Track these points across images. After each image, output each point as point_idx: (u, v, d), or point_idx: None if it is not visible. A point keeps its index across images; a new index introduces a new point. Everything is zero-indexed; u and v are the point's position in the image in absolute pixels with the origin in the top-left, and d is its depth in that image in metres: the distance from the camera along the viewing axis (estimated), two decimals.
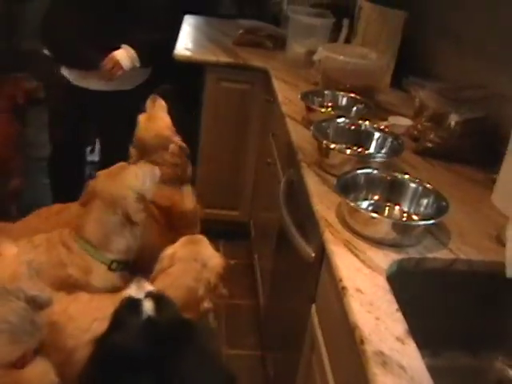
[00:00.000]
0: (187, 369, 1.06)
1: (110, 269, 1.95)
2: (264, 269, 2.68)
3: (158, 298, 1.24)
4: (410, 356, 1.05)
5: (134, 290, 1.31)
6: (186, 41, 3.25)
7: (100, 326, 1.49)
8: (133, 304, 1.21)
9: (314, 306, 1.56)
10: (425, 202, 1.54)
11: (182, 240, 1.85)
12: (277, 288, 2.30)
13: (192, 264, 1.75)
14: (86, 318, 1.65)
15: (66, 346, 1.60)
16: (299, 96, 2.24)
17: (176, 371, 1.04)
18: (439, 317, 1.44)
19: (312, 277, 1.58)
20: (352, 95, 2.30)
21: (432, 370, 1.03)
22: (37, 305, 1.40)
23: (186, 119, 2.88)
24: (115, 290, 1.88)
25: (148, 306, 1.21)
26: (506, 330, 1.47)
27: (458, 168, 1.94)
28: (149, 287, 1.35)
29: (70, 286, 1.84)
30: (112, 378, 1.04)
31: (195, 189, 2.54)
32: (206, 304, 1.72)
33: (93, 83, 2.83)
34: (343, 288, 1.23)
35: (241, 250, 3.22)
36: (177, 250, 1.80)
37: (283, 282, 2.17)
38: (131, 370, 1.04)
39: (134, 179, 2.02)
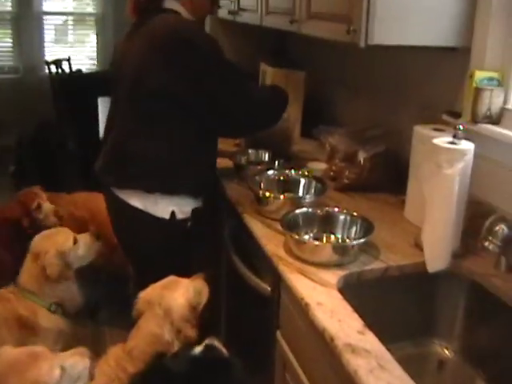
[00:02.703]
0: None
1: (50, 310, 2.26)
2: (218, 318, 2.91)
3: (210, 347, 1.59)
4: (370, 342, 1.34)
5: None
6: None
7: None
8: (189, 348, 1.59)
9: (278, 332, 1.82)
10: (354, 227, 1.88)
11: (161, 281, 1.95)
12: (236, 329, 2.54)
13: (155, 310, 1.86)
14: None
15: None
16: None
17: None
18: (385, 316, 1.72)
19: (272, 307, 1.85)
20: (271, 151, 2.65)
21: None
22: None
23: None
24: (65, 334, 2.29)
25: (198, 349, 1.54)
26: (436, 316, 1.80)
27: (373, 196, 2.29)
28: (215, 342, 1.63)
29: (23, 325, 2.19)
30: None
31: None
32: (177, 347, 1.82)
33: None
34: (306, 304, 1.51)
35: None
36: (147, 293, 1.91)
37: (242, 322, 2.42)
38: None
39: (64, 240, 2.33)
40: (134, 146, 2.13)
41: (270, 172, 2.30)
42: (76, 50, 7.04)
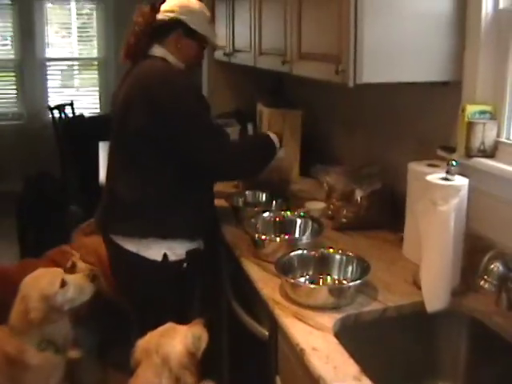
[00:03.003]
0: None
1: (39, 348, 2.22)
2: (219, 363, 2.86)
3: None
4: None
5: None
6: None
7: None
8: None
9: (278, 378, 1.78)
10: (350, 267, 1.85)
11: (159, 329, 1.92)
12: (239, 374, 2.49)
13: (153, 358, 1.82)
14: None
15: None
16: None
17: None
18: (386, 359, 1.69)
19: (271, 352, 1.81)
20: (270, 192, 2.64)
21: None
22: None
23: None
24: (58, 369, 2.29)
25: None
26: (438, 356, 1.75)
27: (372, 234, 2.26)
28: None
29: (12, 362, 2.19)
30: None
31: None
32: None
33: None
34: (301, 350, 1.47)
35: None
36: (145, 341, 1.88)
37: (244, 366, 2.38)
38: None
39: (50, 283, 2.27)
40: (122, 190, 2.17)
41: (266, 214, 2.28)
42: (80, 94, 7.10)
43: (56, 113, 6.20)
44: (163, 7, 2.21)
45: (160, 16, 2.21)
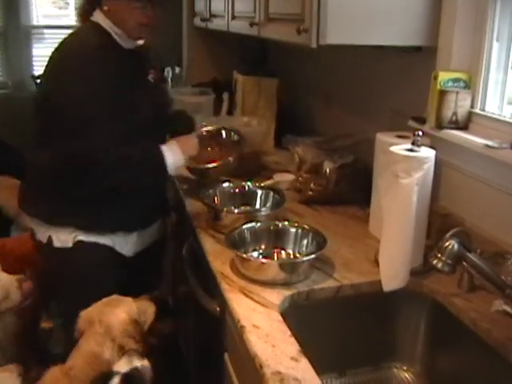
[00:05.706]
0: None
1: None
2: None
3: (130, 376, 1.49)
4: (303, 370, 1.20)
5: (121, 363, 1.55)
6: None
7: None
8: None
9: (226, 355, 1.68)
10: (305, 241, 1.73)
11: (104, 299, 1.83)
12: (198, 348, 2.40)
13: (95, 327, 1.74)
14: None
15: None
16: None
17: None
18: (338, 339, 1.60)
19: (221, 328, 1.70)
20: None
21: None
22: None
23: None
24: None
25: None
26: (395, 338, 1.65)
27: (340, 209, 2.14)
28: (136, 363, 1.54)
29: None
30: None
31: None
32: (116, 367, 1.66)
33: None
34: (241, 327, 1.37)
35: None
36: (88, 311, 1.80)
37: (203, 342, 2.28)
38: None
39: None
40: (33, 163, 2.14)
41: (226, 184, 2.16)
42: None
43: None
44: None
45: None
